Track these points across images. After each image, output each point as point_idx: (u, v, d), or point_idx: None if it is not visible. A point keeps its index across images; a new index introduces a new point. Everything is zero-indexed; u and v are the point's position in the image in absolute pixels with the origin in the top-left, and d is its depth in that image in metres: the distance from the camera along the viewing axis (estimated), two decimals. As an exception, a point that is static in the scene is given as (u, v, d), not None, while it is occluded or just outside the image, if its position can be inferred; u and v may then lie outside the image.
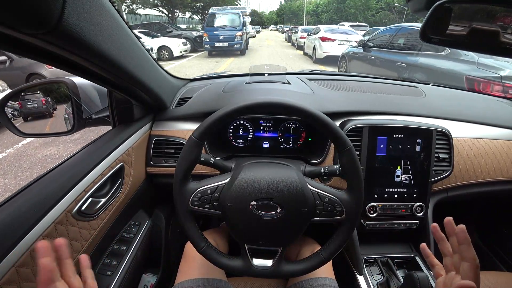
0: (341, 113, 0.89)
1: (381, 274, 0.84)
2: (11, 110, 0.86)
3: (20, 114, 0.79)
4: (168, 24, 13.89)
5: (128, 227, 0.86)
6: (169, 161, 0.89)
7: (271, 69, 1.18)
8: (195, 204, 0.56)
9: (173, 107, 0.95)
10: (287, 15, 58.78)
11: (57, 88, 0.91)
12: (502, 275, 0.84)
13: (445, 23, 0.48)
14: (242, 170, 0.56)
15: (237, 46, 10.36)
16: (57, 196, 0.55)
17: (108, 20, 0.50)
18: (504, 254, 1.23)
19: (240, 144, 0.93)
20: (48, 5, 0.34)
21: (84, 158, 0.67)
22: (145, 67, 0.70)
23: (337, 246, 0.57)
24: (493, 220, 1.31)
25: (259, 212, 0.52)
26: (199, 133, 0.55)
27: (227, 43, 10.22)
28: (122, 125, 0.83)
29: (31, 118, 0.77)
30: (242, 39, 10.37)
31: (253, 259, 0.57)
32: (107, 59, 0.52)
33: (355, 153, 0.55)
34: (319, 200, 0.55)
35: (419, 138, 0.83)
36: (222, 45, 10.30)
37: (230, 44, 10.23)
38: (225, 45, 10.24)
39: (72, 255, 0.58)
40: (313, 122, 0.55)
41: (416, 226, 0.88)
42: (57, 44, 0.41)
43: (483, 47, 0.50)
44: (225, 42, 10.19)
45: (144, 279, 0.96)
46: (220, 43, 10.23)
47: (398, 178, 0.84)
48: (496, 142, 0.93)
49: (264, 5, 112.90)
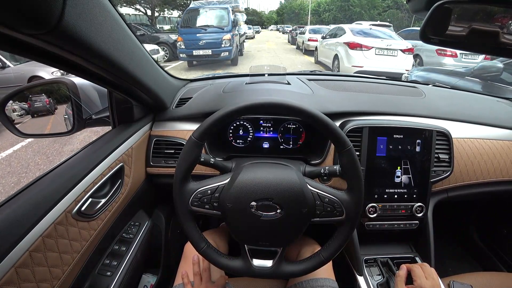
0: (341, 113, 0.89)
1: (381, 275, 0.84)
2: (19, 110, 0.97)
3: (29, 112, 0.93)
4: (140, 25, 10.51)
5: (128, 227, 0.86)
6: (169, 162, 0.89)
7: (271, 69, 1.18)
8: (195, 204, 0.55)
9: (173, 108, 0.95)
10: (288, 14, 58.30)
11: (58, 88, 0.92)
12: (502, 275, 0.84)
13: (445, 24, 0.47)
14: (242, 171, 0.56)
15: (224, 54, 7.17)
16: (57, 197, 0.55)
17: (108, 21, 0.50)
18: (504, 254, 1.23)
19: (240, 145, 0.93)
20: (48, 5, 0.34)
21: (84, 158, 0.67)
22: (145, 68, 0.70)
23: (337, 247, 0.57)
24: (493, 220, 1.31)
25: (259, 213, 0.52)
26: (199, 134, 0.55)
27: (210, 51, 7.03)
28: (122, 125, 0.83)
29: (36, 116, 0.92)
30: (231, 44, 7.24)
31: (253, 260, 0.57)
32: (107, 59, 0.52)
33: (355, 154, 0.55)
34: (319, 201, 0.55)
35: (419, 138, 0.83)
36: (203, 54, 7.07)
37: (214, 51, 7.05)
38: (208, 54, 7.07)
39: (72, 256, 0.58)
40: (313, 122, 0.55)
41: (416, 226, 0.88)
42: (57, 44, 0.41)
43: (483, 48, 0.50)
44: (207, 49, 7.02)
45: (144, 279, 0.96)
46: (200, 50, 7.01)
47: (398, 179, 0.84)
48: (496, 142, 0.93)
49: (264, 5, 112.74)
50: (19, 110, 0.96)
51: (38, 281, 0.49)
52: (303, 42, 11.49)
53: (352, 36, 5.79)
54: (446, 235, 1.42)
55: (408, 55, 5.47)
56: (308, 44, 10.61)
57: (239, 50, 9.17)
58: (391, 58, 5.46)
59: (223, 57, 7.24)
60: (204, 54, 7.11)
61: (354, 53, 5.52)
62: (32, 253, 0.48)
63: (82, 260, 0.62)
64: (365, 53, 5.43)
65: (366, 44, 5.44)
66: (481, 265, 1.32)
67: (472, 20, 0.48)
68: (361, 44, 5.46)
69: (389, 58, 5.45)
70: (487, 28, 0.46)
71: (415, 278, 0.64)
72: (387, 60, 5.41)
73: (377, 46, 5.41)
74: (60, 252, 0.55)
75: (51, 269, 0.53)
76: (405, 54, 5.46)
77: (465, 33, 0.47)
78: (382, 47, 5.42)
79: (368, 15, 29.24)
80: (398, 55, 5.43)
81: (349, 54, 5.57)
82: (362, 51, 5.46)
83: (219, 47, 7.11)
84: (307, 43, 10.76)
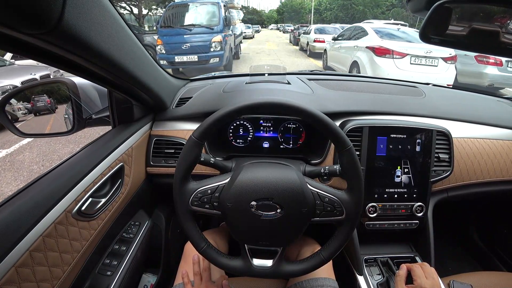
0: (341, 113, 0.89)
1: (381, 274, 0.84)
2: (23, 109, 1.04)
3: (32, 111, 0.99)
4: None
5: (128, 227, 0.86)
6: (169, 161, 0.89)
7: (271, 69, 1.18)
8: (195, 204, 0.56)
9: (173, 107, 0.95)
10: (289, 13, 57.96)
11: (58, 88, 0.92)
12: (502, 275, 0.84)
13: (445, 23, 0.47)
14: (242, 170, 0.56)
15: (214, 61, 5.78)
16: (57, 196, 0.55)
17: (108, 20, 0.49)
18: (504, 254, 1.23)
19: (240, 144, 0.93)
20: (48, 5, 0.34)
21: (84, 158, 0.67)
22: (145, 67, 0.70)
23: (337, 246, 0.57)
24: (493, 220, 1.32)
25: (259, 212, 0.52)
26: (199, 133, 0.55)
27: (196, 56, 5.67)
28: (122, 125, 0.83)
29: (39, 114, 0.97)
30: (223, 48, 5.88)
31: (253, 259, 0.58)
32: (107, 59, 0.52)
33: (355, 153, 0.55)
34: (319, 200, 0.55)
35: (419, 138, 0.83)
36: (187, 60, 5.68)
37: (201, 57, 5.69)
38: (193, 60, 5.69)
39: (72, 255, 0.58)
40: (313, 122, 0.55)
41: (416, 226, 0.88)
42: (57, 44, 0.41)
43: (483, 47, 0.50)
44: (192, 54, 5.67)
45: (144, 279, 0.96)
46: (183, 56, 5.64)
47: (398, 178, 0.84)
48: (496, 142, 0.93)
49: (264, 4, 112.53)
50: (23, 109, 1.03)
51: (38, 281, 0.49)
52: (308, 43, 10.36)
53: (378, 39, 4.53)
54: (446, 235, 1.42)
55: (450, 65, 4.34)
56: (314, 45, 9.52)
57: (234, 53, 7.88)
58: (431, 69, 4.25)
59: (212, 64, 5.76)
60: (188, 61, 5.64)
61: (381, 61, 4.27)
62: (32, 253, 0.48)
63: (82, 259, 0.62)
64: (397, 62, 4.19)
65: (399, 50, 4.22)
66: (481, 265, 1.32)
67: (472, 20, 0.48)
68: (392, 50, 4.22)
69: (427, 68, 4.24)
70: (487, 27, 0.46)
71: (415, 278, 0.64)
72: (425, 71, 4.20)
73: (413, 53, 4.15)
74: (60, 252, 0.55)
75: (52, 268, 0.53)
76: (447, 63, 4.31)
77: (465, 32, 0.47)
78: (420, 54, 4.15)
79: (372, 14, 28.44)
80: (439, 64, 4.25)
81: (375, 61, 4.33)
82: (393, 58, 4.22)
83: (207, 52, 5.69)
84: (313, 45, 9.66)
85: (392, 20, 6.74)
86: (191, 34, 5.81)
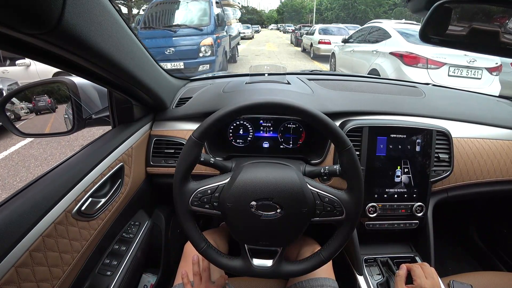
0: (341, 113, 0.89)
1: (381, 274, 0.84)
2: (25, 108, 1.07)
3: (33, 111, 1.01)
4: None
5: (128, 227, 0.86)
6: (169, 161, 0.89)
7: (271, 69, 1.18)
8: (195, 204, 0.55)
9: (173, 107, 0.95)
10: (289, 13, 57.71)
11: (58, 88, 0.92)
12: (502, 275, 0.84)
13: (445, 23, 0.48)
14: (242, 170, 0.56)
15: (203, 68, 4.78)
16: (57, 196, 0.55)
17: (108, 20, 0.50)
18: (504, 254, 1.23)
19: (240, 144, 0.93)
20: (48, 5, 0.34)
21: (84, 158, 0.67)
22: (145, 67, 0.70)
23: (337, 246, 0.57)
24: (493, 220, 1.32)
25: (259, 212, 0.52)
26: (199, 133, 0.55)
27: (181, 63, 4.69)
28: (122, 125, 0.83)
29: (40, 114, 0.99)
30: (215, 53, 4.87)
31: (253, 259, 0.58)
32: (107, 59, 0.52)
33: (355, 153, 0.55)
34: (319, 200, 0.55)
35: (419, 138, 0.83)
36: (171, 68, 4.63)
37: (188, 64, 4.71)
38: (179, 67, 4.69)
39: (72, 255, 0.58)
40: (313, 122, 0.55)
41: (416, 226, 0.88)
42: (57, 44, 0.41)
43: (483, 47, 0.50)
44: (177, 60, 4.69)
45: (144, 279, 0.96)
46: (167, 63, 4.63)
47: (398, 178, 0.84)
48: (496, 142, 0.93)
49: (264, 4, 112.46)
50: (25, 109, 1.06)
51: (38, 281, 0.49)
52: (312, 44, 9.40)
53: (407, 44, 3.62)
54: (446, 235, 1.42)
55: (495, 77, 3.58)
56: (319, 47, 8.67)
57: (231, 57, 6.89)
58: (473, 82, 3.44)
59: (201, 71, 4.70)
60: (173, 69, 4.58)
61: (412, 71, 3.43)
62: (32, 253, 0.48)
63: (82, 259, 0.62)
64: (432, 73, 3.35)
65: (435, 58, 3.34)
66: (481, 265, 1.32)
67: (472, 20, 0.48)
68: (427, 59, 3.37)
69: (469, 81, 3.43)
70: (487, 27, 0.46)
71: (415, 278, 0.64)
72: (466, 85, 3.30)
73: (453, 62, 3.34)
74: (60, 252, 0.55)
75: (51, 268, 0.53)
76: (492, 75, 3.54)
77: (465, 32, 0.47)
78: (461, 64, 3.35)
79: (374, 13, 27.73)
80: (483, 76, 3.46)
81: (403, 71, 3.48)
82: (427, 69, 3.38)
83: (195, 57, 4.68)
84: (317, 46, 8.79)
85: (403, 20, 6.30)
86: (176, 36, 4.78)
